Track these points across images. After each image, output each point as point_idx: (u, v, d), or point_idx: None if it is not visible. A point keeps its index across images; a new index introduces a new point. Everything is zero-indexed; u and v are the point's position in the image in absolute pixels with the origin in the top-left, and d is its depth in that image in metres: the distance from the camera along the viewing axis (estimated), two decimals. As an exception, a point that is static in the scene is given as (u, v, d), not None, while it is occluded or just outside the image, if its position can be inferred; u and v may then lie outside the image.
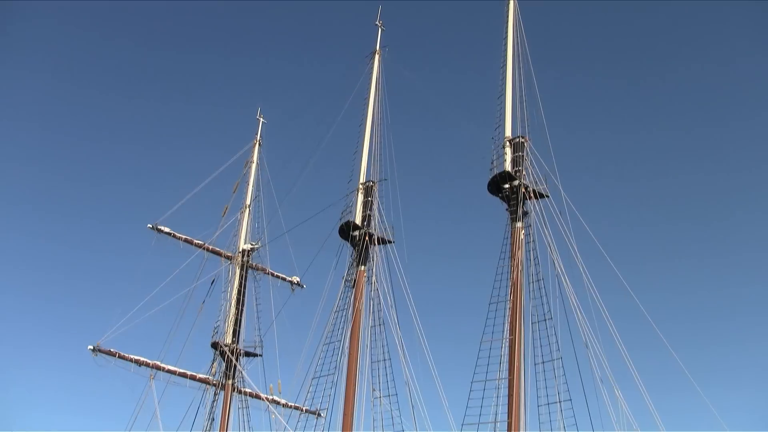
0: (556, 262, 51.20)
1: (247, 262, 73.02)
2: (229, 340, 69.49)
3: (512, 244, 52.62)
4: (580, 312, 49.32)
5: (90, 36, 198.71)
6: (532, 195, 53.03)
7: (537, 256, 52.23)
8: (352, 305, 61.39)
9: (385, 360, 59.04)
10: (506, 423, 48.70)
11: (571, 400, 47.97)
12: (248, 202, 75.37)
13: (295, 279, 75.59)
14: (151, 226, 72.54)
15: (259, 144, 79.04)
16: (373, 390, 58.46)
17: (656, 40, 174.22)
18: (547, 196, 53.03)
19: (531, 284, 51.85)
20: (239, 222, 74.62)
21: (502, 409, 49.10)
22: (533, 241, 52.59)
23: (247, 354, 70.63)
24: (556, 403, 48.27)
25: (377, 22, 68.74)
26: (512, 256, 52.24)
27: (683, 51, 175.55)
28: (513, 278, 51.98)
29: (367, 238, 61.95)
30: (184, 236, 73.12)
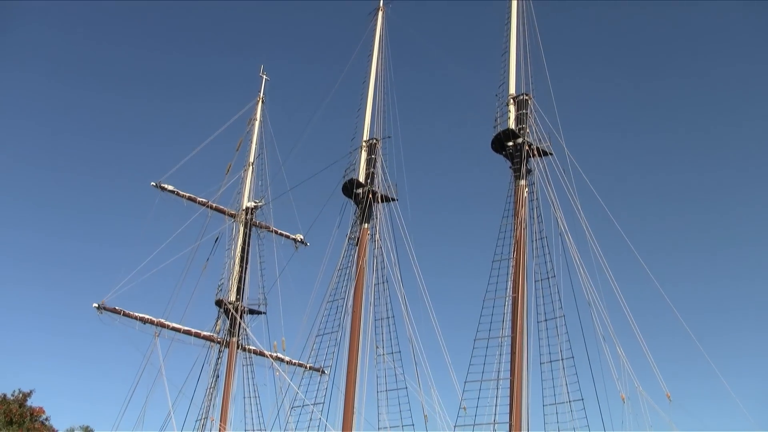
0: (559, 220, 51.14)
1: (251, 219, 73.02)
2: (233, 297, 69.71)
3: (515, 202, 52.50)
4: (583, 270, 49.36)
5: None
6: (535, 153, 52.79)
7: (540, 214, 52.19)
8: (355, 263, 61.47)
9: (388, 318, 59.27)
10: (509, 380, 48.92)
11: (573, 357, 48.16)
12: (251, 159, 75.21)
13: (299, 237, 75.66)
14: (154, 184, 72.49)
15: (262, 101, 78.65)
16: (377, 348, 58.73)
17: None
18: (551, 154, 52.82)
19: (534, 242, 51.88)
20: (242, 180, 74.54)
21: (505, 367, 49.30)
22: (537, 199, 52.50)
23: (251, 312, 70.93)
24: (558, 360, 48.47)
25: (381, -22, 67.97)
26: (515, 214, 52.15)
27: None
28: (516, 236, 51.94)
29: (370, 195, 61.84)
30: (187, 194, 73.08)
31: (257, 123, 77.22)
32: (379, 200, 62.15)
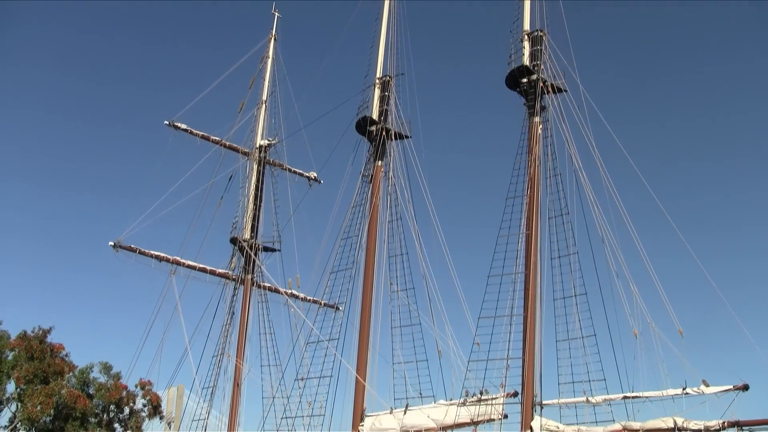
0: (573, 157, 51.00)
1: (265, 157, 73.04)
2: (247, 235, 70.08)
3: (530, 139, 52.38)
4: (597, 207, 49.37)
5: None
6: (550, 89, 52.49)
7: (554, 151, 52.08)
8: (369, 200, 61.61)
9: (402, 254, 59.62)
10: (522, 316, 49.30)
11: (586, 294, 48.47)
12: (264, 97, 74.97)
13: (313, 174, 75.75)
14: (168, 123, 72.46)
15: (275, 39, 78.11)
16: (391, 284, 59.17)
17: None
18: (566, 91, 52.51)
19: (548, 179, 51.86)
20: (256, 118, 74.38)
21: (518, 303, 49.65)
22: (551, 136, 52.35)
23: (266, 249, 71.33)
24: (571, 297, 48.79)
25: None
26: (529, 151, 52.05)
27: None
28: (530, 173, 51.92)
29: (384, 133, 61.78)
30: (201, 133, 73.08)
31: (270, 61, 76.78)
32: (393, 137, 62.09)
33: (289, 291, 68.30)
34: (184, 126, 72.39)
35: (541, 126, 52.57)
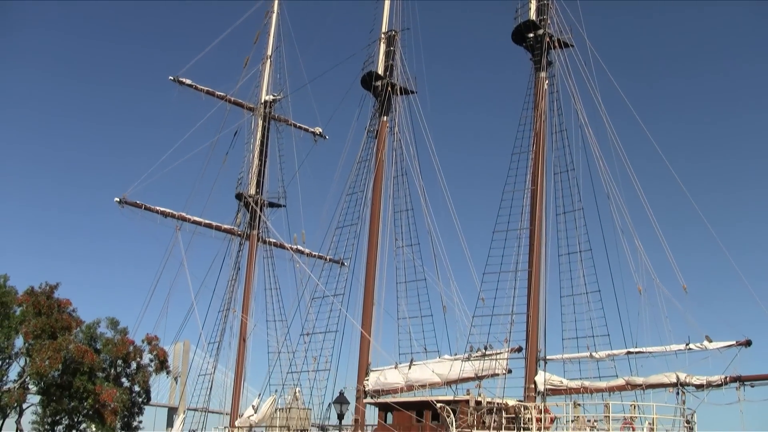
0: (579, 112, 50.78)
1: (270, 113, 72.77)
2: (252, 191, 70.11)
3: (536, 95, 52.13)
4: (603, 163, 49.28)
5: None
6: (556, 44, 52.10)
7: (560, 107, 51.88)
8: (374, 156, 61.53)
9: (407, 210, 59.69)
10: (527, 272, 49.47)
11: (591, 250, 48.57)
12: (269, 53, 74.43)
13: (318, 130, 75.50)
14: (172, 78, 72.11)
15: (279, -7, 77.39)
16: (396, 240, 59.29)
17: None
18: (572, 46, 52.11)
19: (554, 135, 51.70)
20: (261, 73, 73.94)
21: (523, 259, 49.82)
22: (557, 91, 52.08)
23: (271, 205, 71.39)
24: (576, 252, 48.89)
25: None
26: (535, 107, 51.83)
27: None
28: (536, 129, 51.76)
29: (389, 88, 61.50)
30: (205, 88, 72.76)
31: (274, 15, 76.10)
32: (398, 93, 61.81)
33: (295, 246, 68.49)
34: (188, 81, 72.08)
35: (547, 81, 52.28)
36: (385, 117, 61.81)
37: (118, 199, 66.87)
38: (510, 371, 49.88)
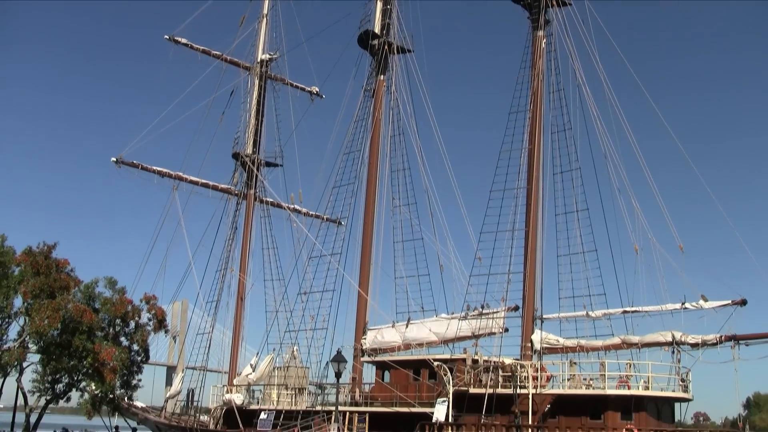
0: (577, 71, 50.58)
1: (266, 72, 72.35)
2: (249, 150, 69.94)
3: (533, 54, 51.88)
4: (600, 122, 49.20)
5: None
6: (554, 2, 51.71)
7: (558, 66, 51.67)
8: (371, 115, 61.41)
9: (404, 169, 59.76)
10: (523, 231, 49.62)
11: (588, 209, 48.71)
12: (265, 11, 73.77)
13: (314, 89, 75.15)
14: (168, 37, 71.60)
15: (275, -50, 76.52)
16: (393, 199, 59.40)
17: None
18: (570, 4, 51.75)
19: (551, 94, 51.60)
20: (257, 32, 73.33)
21: (520, 218, 49.95)
22: (555, 50, 51.84)
23: (268, 164, 71.23)
24: (573, 212, 49.02)
25: None
26: (533, 66, 51.62)
27: None
28: (533, 88, 51.60)
29: (386, 47, 61.20)
30: (201, 47, 72.25)
31: (270, -27, 75.33)
32: (395, 52, 61.54)
33: (292, 206, 68.52)
34: (184, 40, 71.55)
35: (544, 40, 52.00)
36: (382, 76, 61.57)
37: (114, 159, 66.76)
38: (506, 330, 50.28)
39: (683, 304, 44.69)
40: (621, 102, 49.38)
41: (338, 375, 41.39)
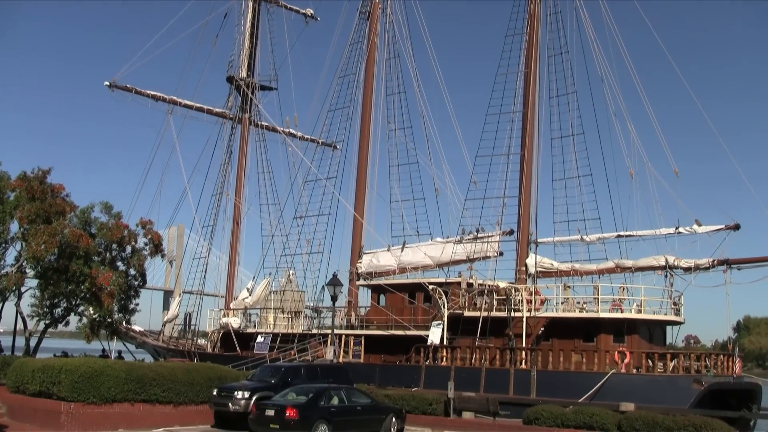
0: (574, -7, 49.94)
1: (260, -6, 71.21)
2: (244, 74, 69.25)
3: (530, -25, 51.15)
4: (597, 46, 48.82)
5: None
6: None
7: (555, -13, 50.95)
8: (366, 38, 60.83)
9: (399, 93, 59.40)
10: (519, 155, 49.60)
11: (584, 133, 48.63)
12: (259, -68, 72.31)
13: (309, 11, 74.08)
14: (159, -43, 70.38)
15: None
16: (388, 123, 59.18)
17: None
18: None
19: (548, 17, 51.02)
20: (250, -47, 71.97)
21: (516, 142, 49.93)
22: (552, -29, 51.06)
23: (263, 88, 70.61)
24: (569, 136, 48.96)
25: None
26: (530, -13, 50.97)
27: None
28: (530, 10, 51.06)
29: (380, -32, 60.31)
30: (194, -32, 71.02)
31: None
32: (390, -27, 60.67)
33: (287, 130, 68.15)
34: (176, -39, 70.32)
35: (542, -39, 51.24)
36: (378, -3, 60.83)
37: (108, 83, 66.07)
38: (501, 254, 50.64)
39: (677, 228, 44.98)
40: (620, 28, 48.97)
41: (334, 299, 41.76)
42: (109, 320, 50.58)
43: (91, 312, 48.88)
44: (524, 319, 43.40)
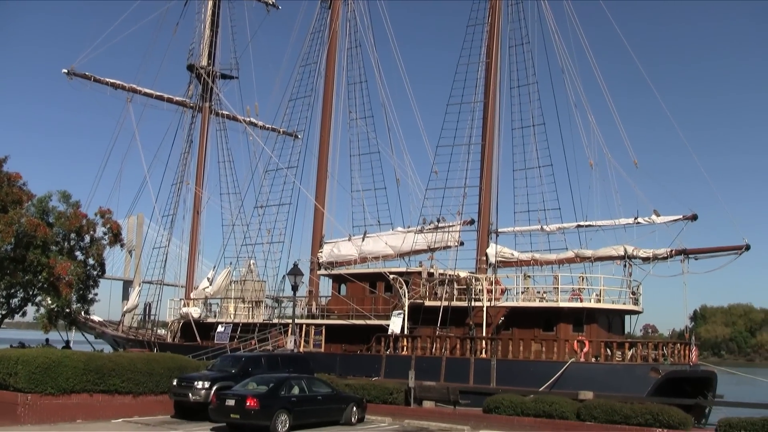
0: (536, -17, 50.13)
1: (220, -19, 70.65)
2: (204, 62, 68.70)
3: (491, -35, 51.25)
4: (558, 36, 49.08)
5: None
6: None
7: (517, -23, 51.09)
8: (328, 27, 60.61)
9: (361, 82, 59.32)
10: (480, 145, 49.78)
11: (544, 124, 48.98)
12: None
13: (271, 0, 73.62)
14: (118, -56, 69.59)
15: None
16: (350, 112, 59.09)
17: None
18: None
19: (510, 7, 51.21)
20: (210, -61, 71.32)
21: (477, 132, 50.13)
22: (513, -39, 51.19)
23: (224, 76, 70.11)
24: (529, 126, 49.26)
25: None
26: (491, -23, 51.07)
27: None
28: (492, 1, 51.19)
29: (341, -44, 60.08)
30: (153, -46, 70.26)
31: None
32: (351, -39, 60.46)
33: (248, 119, 67.81)
34: (136, -51, 69.50)
35: (503, -49, 51.34)
36: (339, -13, 60.60)
37: (66, 71, 65.22)
38: (462, 243, 50.85)
39: (636, 218, 45.44)
40: (583, 24, 49.29)
41: (295, 288, 41.68)
42: (67, 310, 50.10)
43: (49, 302, 48.39)
44: (485, 309, 43.62)
